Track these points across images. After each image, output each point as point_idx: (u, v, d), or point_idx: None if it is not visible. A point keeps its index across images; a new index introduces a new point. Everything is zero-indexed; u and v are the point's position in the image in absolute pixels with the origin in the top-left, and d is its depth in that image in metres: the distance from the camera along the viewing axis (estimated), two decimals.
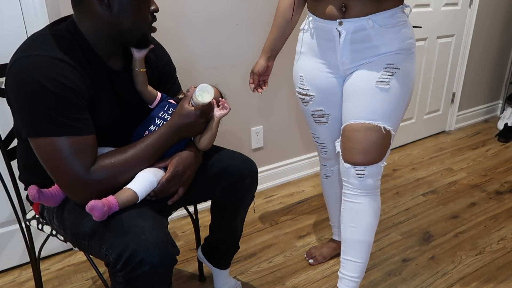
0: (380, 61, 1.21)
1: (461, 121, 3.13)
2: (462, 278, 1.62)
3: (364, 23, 1.18)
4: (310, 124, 1.45)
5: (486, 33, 2.94)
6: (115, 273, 0.93)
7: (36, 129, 0.93)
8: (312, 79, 1.34)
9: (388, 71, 1.20)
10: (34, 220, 1.24)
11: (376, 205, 1.31)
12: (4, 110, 1.44)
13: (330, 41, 1.24)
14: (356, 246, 1.33)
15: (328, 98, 1.34)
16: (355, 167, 1.24)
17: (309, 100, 1.37)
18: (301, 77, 1.36)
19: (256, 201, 2.17)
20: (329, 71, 1.30)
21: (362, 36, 1.20)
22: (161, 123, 1.12)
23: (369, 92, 1.21)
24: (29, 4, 1.40)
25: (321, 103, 1.36)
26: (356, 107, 1.24)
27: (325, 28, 1.23)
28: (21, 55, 0.93)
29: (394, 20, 1.19)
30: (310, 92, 1.36)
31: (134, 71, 1.11)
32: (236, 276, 1.64)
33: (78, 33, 1.01)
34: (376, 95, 1.21)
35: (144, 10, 1.02)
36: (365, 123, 1.22)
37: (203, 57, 1.86)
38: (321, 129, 1.43)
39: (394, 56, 1.21)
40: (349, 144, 1.25)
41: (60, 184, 0.99)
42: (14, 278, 1.64)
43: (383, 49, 1.21)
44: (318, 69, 1.32)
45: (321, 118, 1.39)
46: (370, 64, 1.22)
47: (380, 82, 1.20)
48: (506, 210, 2.08)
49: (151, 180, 1.03)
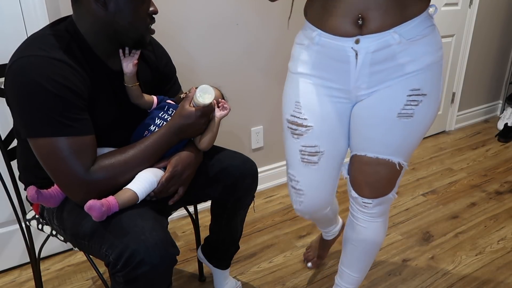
0: (403, 85, 0.98)
1: (461, 121, 3.13)
2: (462, 278, 1.62)
3: (388, 38, 0.92)
4: (293, 162, 1.14)
5: (486, 33, 2.94)
6: (115, 273, 0.94)
7: (35, 129, 0.92)
8: (312, 106, 1.06)
9: (413, 99, 0.99)
10: (34, 220, 1.24)
11: (381, 231, 1.22)
12: (4, 110, 1.44)
13: (343, 62, 0.98)
14: (354, 262, 1.29)
15: (330, 130, 1.07)
16: (363, 198, 1.14)
17: (303, 132, 1.08)
18: (298, 104, 1.07)
19: (256, 201, 2.17)
20: (337, 96, 1.04)
21: (385, 54, 0.95)
22: (161, 123, 1.12)
23: (387, 124, 1.02)
24: (29, 4, 1.40)
25: (318, 137, 1.08)
26: (369, 139, 1.06)
27: (337, 47, 0.96)
28: (20, 55, 0.93)
29: (423, 29, 0.95)
30: (307, 123, 1.07)
31: (127, 87, 1.09)
32: (236, 276, 1.64)
33: (77, 33, 1.01)
34: (396, 129, 1.02)
35: (141, 11, 1.02)
36: (378, 158, 1.06)
37: (203, 58, 1.86)
38: (306, 172, 1.12)
39: (422, 75, 0.98)
40: (358, 175, 1.12)
41: (59, 184, 0.99)
42: (14, 278, 1.64)
43: (409, 67, 0.97)
44: (323, 93, 1.04)
45: (312, 157, 1.10)
46: (391, 89, 0.99)
47: (402, 115, 1.00)
48: (506, 210, 2.08)
49: (151, 180, 1.03)
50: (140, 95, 1.12)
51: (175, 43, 1.73)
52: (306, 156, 1.10)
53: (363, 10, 0.90)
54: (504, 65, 3.23)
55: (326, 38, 0.97)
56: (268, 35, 1.99)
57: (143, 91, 1.14)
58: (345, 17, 0.92)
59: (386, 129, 1.02)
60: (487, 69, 3.12)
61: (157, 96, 1.19)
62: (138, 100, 1.12)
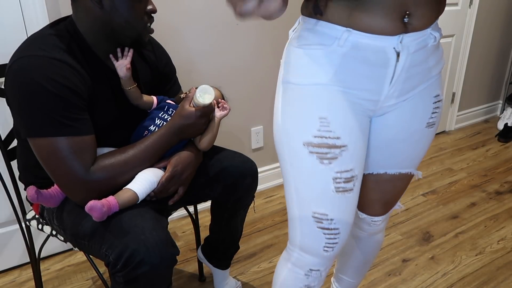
0: (429, 92, 0.89)
1: (461, 121, 3.13)
2: (462, 278, 1.62)
3: (426, 37, 0.82)
4: (322, 197, 0.86)
5: (486, 33, 2.94)
6: (115, 273, 0.94)
7: (35, 129, 0.93)
8: (343, 120, 0.83)
9: (437, 106, 0.91)
10: (34, 220, 1.24)
11: (380, 241, 1.17)
12: (4, 110, 1.44)
13: (380, 66, 0.80)
14: (353, 270, 1.25)
15: (360, 148, 0.87)
16: (373, 217, 1.06)
17: (337, 154, 0.83)
18: (324, 120, 0.82)
19: (256, 201, 2.17)
20: (364, 109, 0.85)
21: (421, 56, 0.83)
22: (161, 123, 1.12)
23: (417, 136, 0.92)
24: (29, 4, 1.40)
25: (353, 158, 0.85)
26: (394, 156, 0.95)
27: (375, 48, 0.79)
28: (20, 55, 0.93)
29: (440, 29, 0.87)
30: (341, 142, 0.83)
31: (125, 90, 1.09)
32: (236, 276, 1.64)
33: (77, 33, 1.01)
34: (422, 140, 0.93)
35: (137, 9, 1.01)
36: (400, 173, 0.97)
37: (203, 58, 1.86)
38: (341, 204, 0.87)
39: (439, 79, 0.91)
40: (372, 194, 1.01)
41: (59, 184, 0.99)
42: (14, 278, 1.64)
43: (434, 70, 0.88)
44: (350, 104, 0.83)
45: (348, 184, 0.86)
46: (420, 97, 0.88)
47: (430, 124, 0.92)
48: (506, 210, 2.08)
49: (151, 180, 1.04)
50: (139, 97, 1.12)
51: (175, 43, 1.73)
52: (342, 184, 0.85)
53: (409, 5, 0.76)
54: (504, 65, 3.23)
55: (361, 37, 0.78)
56: (268, 35, 1.99)
57: (143, 91, 1.14)
58: (387, 13, 0.76)
59: (415, 142, 0.92)
60: (487, 69, 3.12)
61: (157, 96, 1.19)
62: (137, 101, 1.12)
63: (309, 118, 0.83)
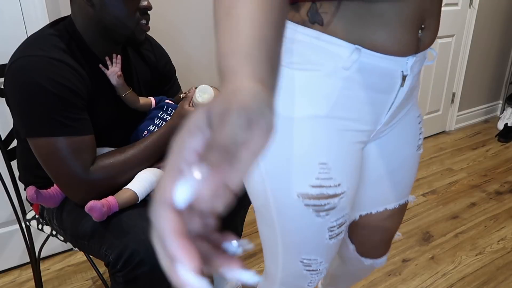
0: (413, 113, 0.79)
1: (461, 121, 3.13)
2: (462, 278, 1.62)
3: (426, 55, 0.70)
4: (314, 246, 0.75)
5: (486, 33, 2.94)
6: (115, 273, 0.94)
7: (35, 129, 0.93)
8: (344, 164, 0.69)
9: (421, 126, 0.83)
10: (34, 220, 1.24)
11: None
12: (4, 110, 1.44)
13: (383, 92, 0.66)
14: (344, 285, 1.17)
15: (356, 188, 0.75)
16: (379, 260, 0.98)
17: (336, 203, 0.70)
18: (324, 166, 0.67)
19: None
20: (360, 141, 0.71)
21: (418, 77, 0.72)
22: (161, 123, 1.12)
23: (410, 162, 0.83)
24: (29, 4, 1.40)
25: (349, 202, 0.73)
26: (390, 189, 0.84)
27: (384, 70, 0.64)
28: (19, 55, 0.93)
29: None
30: (340, 189, 0.69)
31: (121, 97, 1.09)
32: None
33: (76, 33, 1.01)
34: (414, 164, 0.85)
35: (127, 5, 0.99)
36: (400, 206, 0.87)
37: (203, 58, 1.86)
38: (332, 247, 0.77)
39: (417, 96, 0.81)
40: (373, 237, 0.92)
41: (59, 184, 0.99)
42: (14, 278, 1.64)
43: (416, 90, 0.77)
44: (351, 138, 0.69)
45: (341, 228, 0.75)
46: (409, 119, 0.78)
47: (419, 146, 0.84)
48: (506, 210, 2.08)
49: (150, 180, 1.04)
50: (136, 101, 1.12)
51: (174, 43, 1.73)
52: (335, 230, 0.74)
53: (426, 16, 0.62)
54: (504, 65, 3.23)
55: (370, 58, 0.61)
56: None
57: (143, 92, 1.14)
58: (405, 25, 0.60)
59: (409, 168, 0.83)
60: (487, 69, 3.12)
61: (155, 97, 1.19)
62: (135, 105, 1.12)
63: (306, 164, 0.66)
